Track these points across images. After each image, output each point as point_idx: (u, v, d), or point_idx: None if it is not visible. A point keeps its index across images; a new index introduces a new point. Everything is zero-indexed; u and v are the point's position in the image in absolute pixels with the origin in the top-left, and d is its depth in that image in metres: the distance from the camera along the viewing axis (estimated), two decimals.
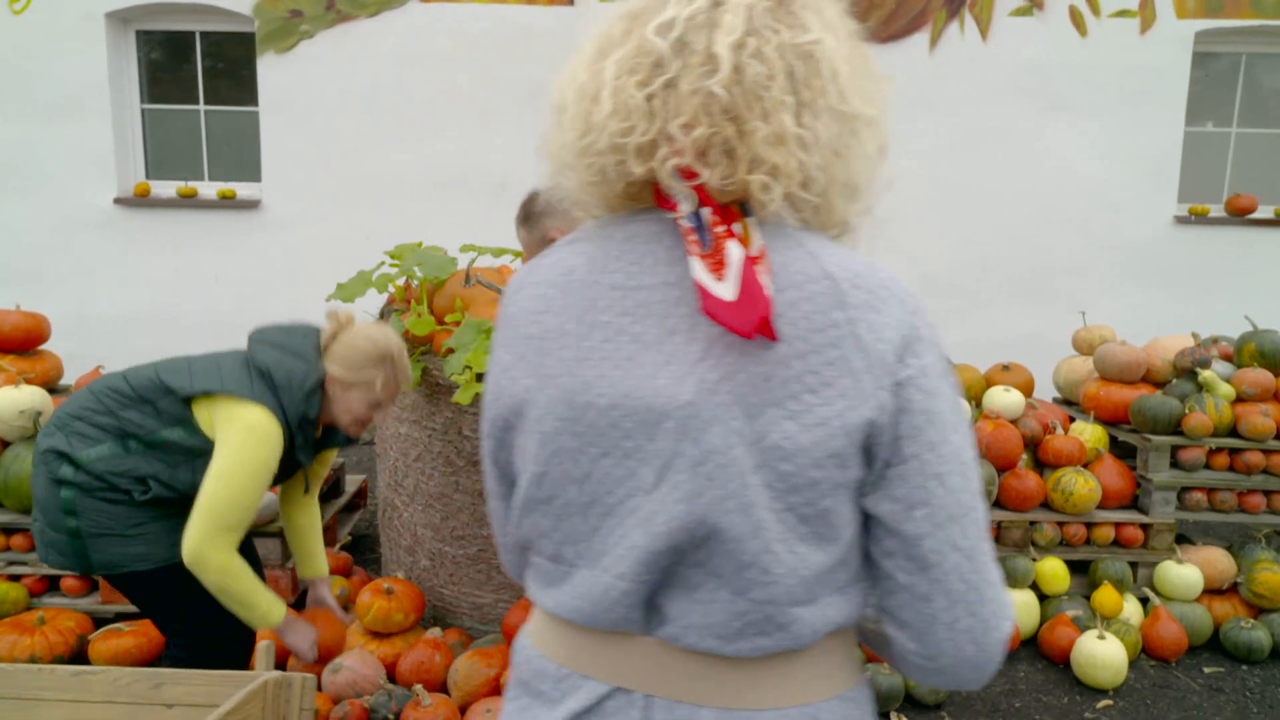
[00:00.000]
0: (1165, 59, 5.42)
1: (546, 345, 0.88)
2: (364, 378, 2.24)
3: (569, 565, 0.89)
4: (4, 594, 3.17)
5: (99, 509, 2.14)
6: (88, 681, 1.88)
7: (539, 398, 0.88)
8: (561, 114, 0.92)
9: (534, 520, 0.91)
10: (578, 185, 0.93)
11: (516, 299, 0.95)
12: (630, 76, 0.84)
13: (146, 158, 5.76)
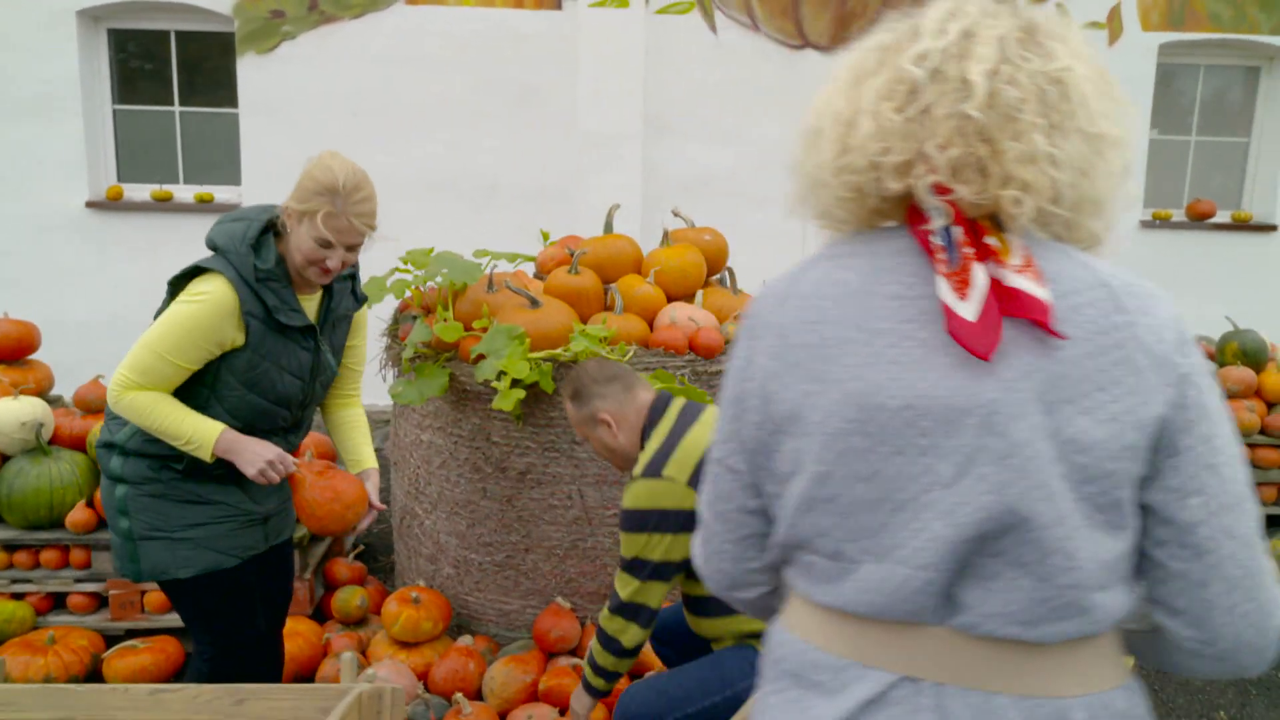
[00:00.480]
0: (1131, 69, 5.64)
1: (826, 352, 0.92)
2: (310, 207, 2.00)
3: (851, 561, 0.93)
4: (10, 613, 3.07)
5: (149, 506, 2.08)
6: (165, 700, 1.84)
7: (821, 401, 0.92)
8: (817, 137, 0.98)
9: (813, 519, 0.94)
10: (832, 200, 0.98)
11: (783, 310, 0.98)
12: (887, 102, 0.91)
13: (118, 160, 5.59)
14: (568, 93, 5.43)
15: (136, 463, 2.09)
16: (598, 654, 2.16)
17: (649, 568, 2.01)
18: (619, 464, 2.23)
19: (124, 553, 2.12)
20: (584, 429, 2.22)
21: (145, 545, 2.09)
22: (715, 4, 5.44)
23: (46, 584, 3.19)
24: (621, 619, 2.08)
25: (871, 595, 0.91)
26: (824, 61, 5.53)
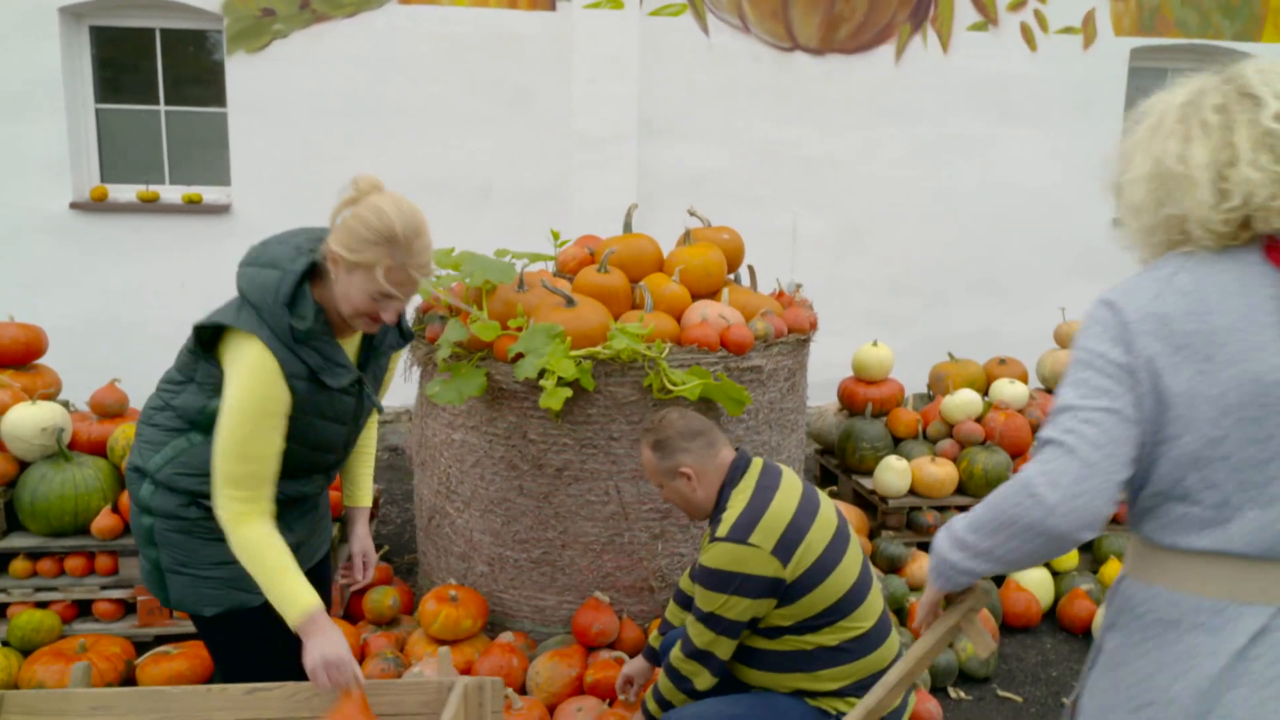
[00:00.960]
0: (1105, 73, 5.86)
1: (1215, 338, 1.16)
2: (364, 259, 1.77)
3: (1235, 509, 1.15)
4: (38, 622, 3.02)
5: (176, 542, 1.94)
6: (263, 699, 1.85)
7: (1217, 378, 1.15)
8: (1183, 181, 1.23)
9: (1205, 474, 1.17)
10: (1203, 232, 1.22)
11: (1161, 302, 1.22)
12: (1266, 154, 1.15)
13: (101, 160, 5.47)
14: (561, 94, 5.46)
15: (165, 496, 1.93)
16: (665, 689, 2.21)
17: (724, 624, 2.07)
18: (692, 514, 2.29)
19: (153, 580, 2.00)
20: (661, 478, 2.26)
21: (172, 578, 1.95)
22: (707, 6, 5.51)
23: (72, 591, 3.13)
24: (696, 664, 2.14)
25: (1258, 536, 1.13)
26: (813, 63, 5.64)
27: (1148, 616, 1.19)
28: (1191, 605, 1.16)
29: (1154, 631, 1.18)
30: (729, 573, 2.04)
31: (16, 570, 3.11)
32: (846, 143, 5.78)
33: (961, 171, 5.90)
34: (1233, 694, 1.13)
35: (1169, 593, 1.18)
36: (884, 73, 5.71)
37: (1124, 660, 1.21)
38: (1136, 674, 1.21)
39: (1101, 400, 1.21)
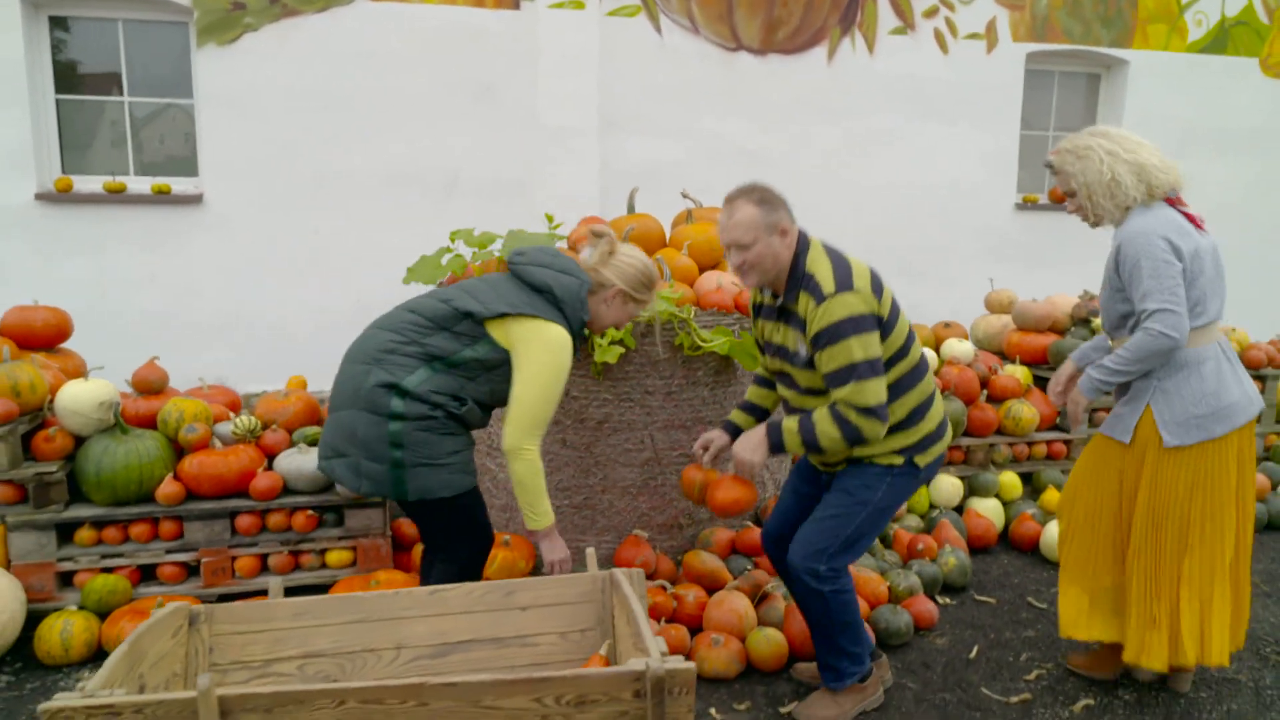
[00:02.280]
0: (1005, 75, 6.60)
1: (1202, 256, 2.62)
2: (645, 296, 2.69)
3: (1206, 302, 2.62)
4: (112, 586, 3.16)
5: (422, 440, 2.45)
6: (444, 598, 2.16)
7: (1209, 272, 2.65)
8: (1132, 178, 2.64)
9: (1198, 295, 2.60)
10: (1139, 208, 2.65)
11: (1183, 236, 2.59)
12: (1159, 168, 2.69)
13: (62, 152, 5.42)
14: (526, 89, 5.76)
15: (417, 404, 2.45)
16: (823, 432, 2.44)
17: (866, 366, 2.37)
18: (767, 273, 2.49)
19: (388, 478, 2.46)
20: (755, 233, 2.43)
21: (415, 471, 2.45)
22: (660, 8, 5.93)
23: (138, 557, 3.28)
24: (870, 420, 2.40)
25: (1215, 310, 2.69)
26: (755, 63, 6.14)
27: (1187, 362, 2.63)
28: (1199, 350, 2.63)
29: (1190, 367, 2.63)
30: (849, 319, 2.36)
31: (82, 539, 3.24)
32: (784, 136, 6.30)
33: (885, 162, 6.51)
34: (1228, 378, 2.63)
35: (1192, 349, 2.62)
36: (817, 72, 6.26)
37: (1180, 383, 2.62)
38: (1193, 386, 2.60)
39: (1174, 281, 2.49)
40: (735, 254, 2.50)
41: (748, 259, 2.47)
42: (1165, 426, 2.63)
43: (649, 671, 1.66)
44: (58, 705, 1.53)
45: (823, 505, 2.64)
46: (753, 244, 2.45)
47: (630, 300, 2.68)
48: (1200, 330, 2.62)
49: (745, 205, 2.45)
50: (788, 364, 2.62)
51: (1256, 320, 6.92)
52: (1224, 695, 2.94)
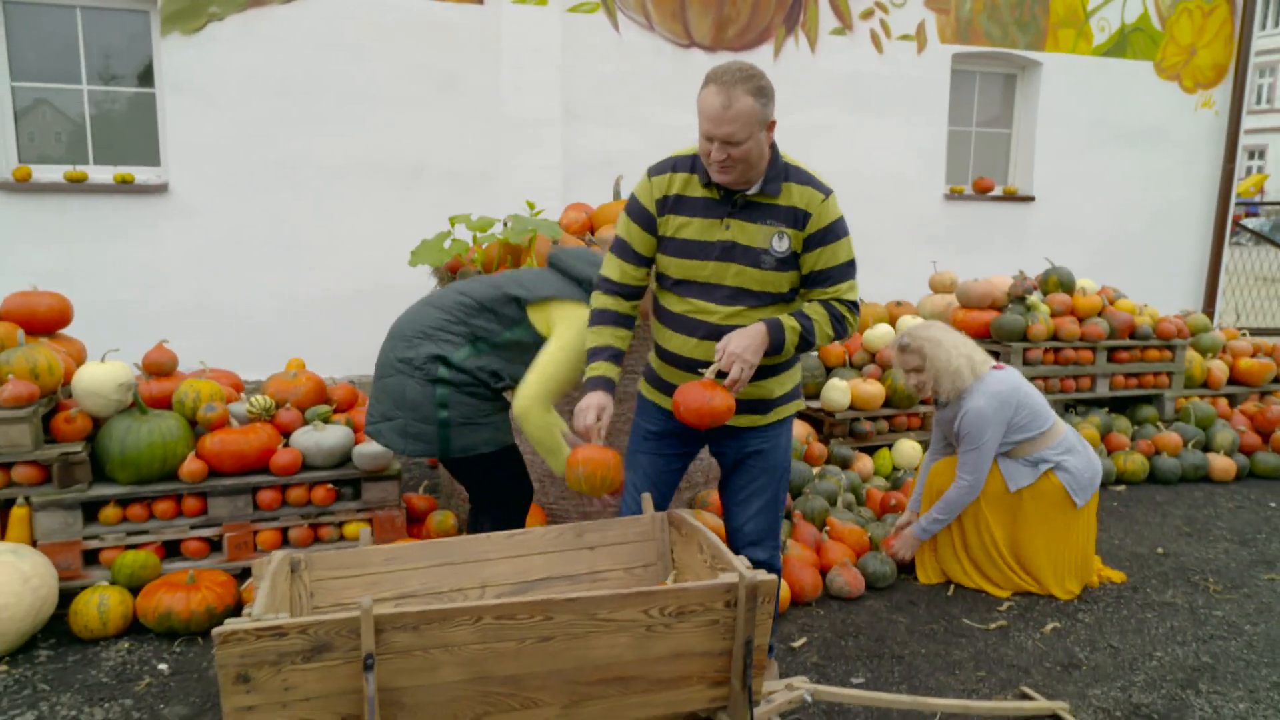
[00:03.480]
0: (934, 74, 7.09)
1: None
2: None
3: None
4: (143, 561, 3.24)
5: (465, 402, 2.70)
6: (522, 541, 2.38)
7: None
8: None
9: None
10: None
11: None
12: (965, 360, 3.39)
13: (18, 140, 5.32)
14: (490, 80, 5.93)
15: (461, 374, 2.70)
16: (821, 332, 2.35)
17: (854, 266, 2.37)
18: (748, 171, 2.24)
19: (435, 437, 2.70)
20: (751, 129, 2.16)
21: (460, 429, 2.70)
22: (617, 5, 6.17)
23: (163, 533, 3.36)
24: (854, 315, 2.42)
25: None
26: (707, 58, 6.45)
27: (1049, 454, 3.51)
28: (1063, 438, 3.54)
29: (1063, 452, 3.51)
30: (843, 216, 2.34)
31: (107, 517, 3.30)
32: None
33: (825, 153, 6.88)
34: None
35: (1057, 439, 3.53)
36: (764, 68, 6.57)
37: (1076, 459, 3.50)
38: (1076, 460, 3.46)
39: (985, 457, 3.40)
40: (721, 148, 2.18)
41: (735, 155, 2.18)
42: (1074, 492, 3.52)
43: (742, 582, 1.92)
44: (230, 629, 1.69)
45: (750, 489, 2.55)
46: (746, 140, 2.16)
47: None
48: (1050, 430, 3.53)
49: (744, 96, 2.14)
50: (743, 264, 2.32)
51: (1160, 298, 7.62)
52: (1166, 615, 3.38)
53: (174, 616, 3.07)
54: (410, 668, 1.80)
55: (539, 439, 2.71)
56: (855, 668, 2.97)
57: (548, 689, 1.90)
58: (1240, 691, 2.85)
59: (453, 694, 1.84)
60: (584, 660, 1.90)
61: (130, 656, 2.99)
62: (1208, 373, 5.53)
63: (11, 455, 3.18)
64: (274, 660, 1.72)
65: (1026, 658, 3.05)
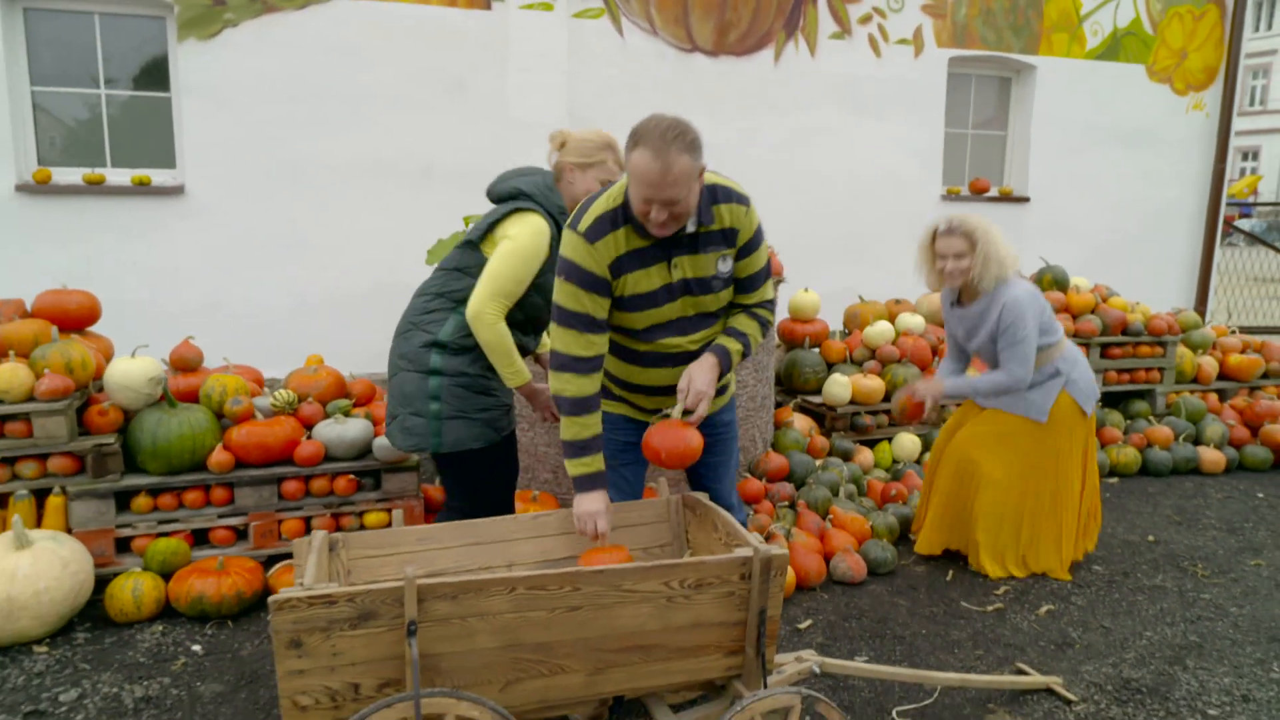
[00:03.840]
0: (930, 78, 7.23)
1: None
2: (598, 159, 2.73)
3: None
4: (174, 548, 3.37)
5: (457, 394, 2.68)
6: (545, 522, 2.52)
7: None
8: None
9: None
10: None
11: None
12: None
13: (38, 143, 5.45)
14: (497, 84, 6.06)
15: (454, 359, 2.68)
16: (754, 343, 2.52)
17: (770, 267, 2.53)
18: (686, 217, 2.25)
19: (427, 431, 2.68)
20: (689, 184, 2.17)
21: (450, 423, 2.67)
22: (621, 11, 6.31)
23: (192, 521, 3.49)
24: (773, 312, 2.60)
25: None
26: (708, 63, 6.59)
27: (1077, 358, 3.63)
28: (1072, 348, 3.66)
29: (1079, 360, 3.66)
30: (760, 220, 2.45)
31: (139, 506, 3.43)
32: (734, 130, 6.76)
33: (824, 155, 7.06)
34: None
35: (1069, 349, 3.66)
36: (765, 72, 6.75)
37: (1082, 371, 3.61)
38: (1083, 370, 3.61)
39: (1030, 348, 3.40)
40: (662, 209, 2.18)
41: (677, 211, 2.20)
42: (1083, 402, 3.61)
43: (756, 555, 2.06)
44: (285, 596, 1.82)
45: (720, 458, 2.70)
46: (686, 196, 2.18)
47: (590, 167, 2.73)
48: (1061, 339, 3.62)
49: (680, 156, 2.12)
50: (699, 294, 2.41)
51: (1153, 296, 7.78)
52: (1156, 598, 3.53)
53: (206, 600, 3.20)
54: (448, 635, 1.93)
55: (491, 344, 2.61)
56: (859, 647, 3.10)
57: (575, 656, 2.04)
58: (1225, 667, 2.99)
59: (487, 659, 1.98)
60: (609, 629, 2.03)
61: (164, 638, 3.12)
62: (1198, 368, 5.68)
63: (48, 446, 3.31)
64: (324, 627, 1.85)
65: (1022, 637, 3.19)
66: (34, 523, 3.28)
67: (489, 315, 2.58)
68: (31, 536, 3.09)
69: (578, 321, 2.34)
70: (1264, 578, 3.72)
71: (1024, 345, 3.42)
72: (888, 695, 2.79)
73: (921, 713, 2.70)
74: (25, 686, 2.79)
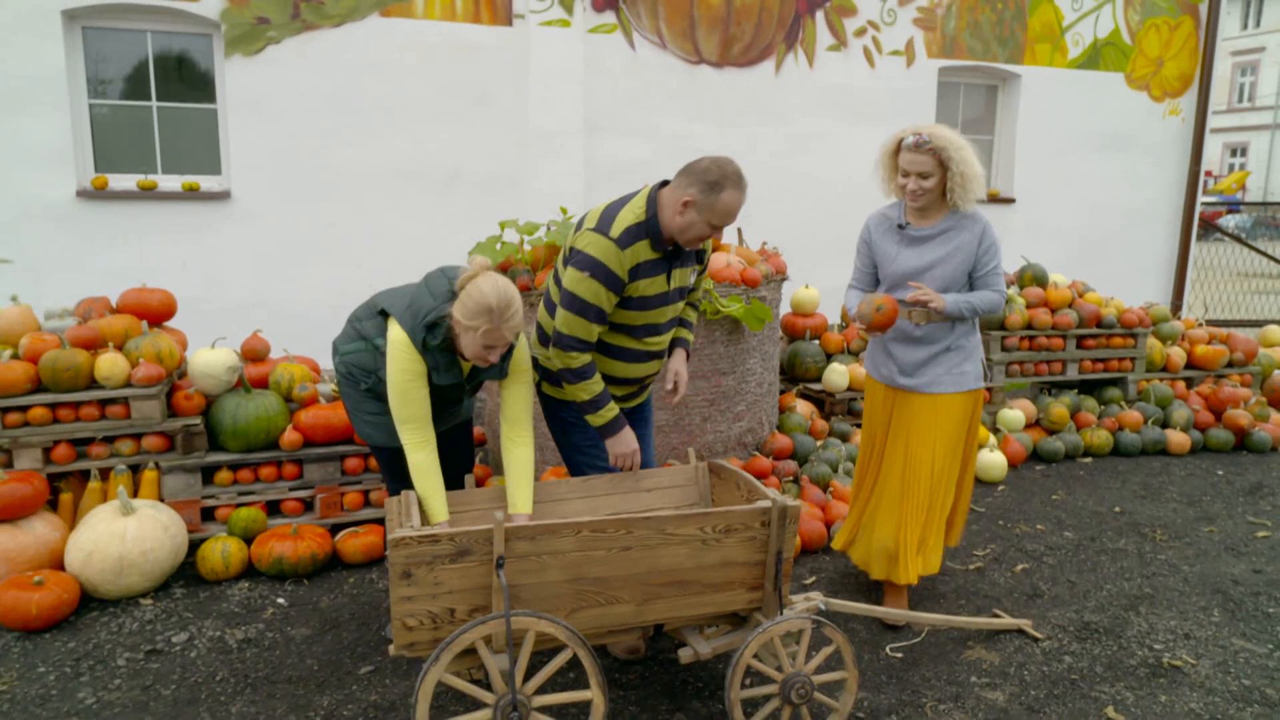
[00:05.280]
0: (921, 86, 7.69)
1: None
2: (473, 324, 2.55)
3: None
4: (254, 516, 3.82)
5: (348, 394, 2.98)
6: (593, 484, 2.97)
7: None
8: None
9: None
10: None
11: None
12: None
13: (94, 152, 5.88)
14: (518, 96, 6.51)
15: (342, 368, 2.96)
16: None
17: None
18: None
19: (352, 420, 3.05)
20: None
21: (352, 416, 3.01)
22: (633, 26, 6.75)
23: (266, 493, 3.94)
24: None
25: None
26: (714, 74, 7.04)
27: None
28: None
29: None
30: None
31: (221, 479, 3.88)
32: (738, 136, 7.22)
33: (822, 160, 7.52)
34: None
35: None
36: (766, 82, 7.20)
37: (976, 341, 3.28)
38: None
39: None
40: (718, 233, 2.88)
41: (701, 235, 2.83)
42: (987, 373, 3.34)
43: (775, 506, 2.52)
44: (400, 535, 2.26)
45: (649, 429, 3.29)
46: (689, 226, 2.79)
47: (466, 330, 2.59)
48: None
49: (735, 194, 2.75)
50: (677, 302, 2.97)
51: (1133, 291, 8.26)
52: (1117, 558, 4.00)
53: (285, 561, 3.65)
54: (525, 569, 2.38)
55: (417, 474, 2.72)
56: (857, 600, 3.57)
57: (626, 589, 2.49)
58: (1172, 613, 3.46)
59: (555, 591, 2.44)
60: (654, 566, 2.49)
61: (251, 593, 3.57)
62: (1167, 358, 6.15)
63: (143, 427, 3.75)
64: (429, 561, 2.31)
65: (999, 590, 3.66)
66: (131, 494, 3.73)
67: (407, 449, 2.73)
68: (134, 504, 3.54)
69: (590, 312, 2.80)
70: (1215, 542, 4.20)
71: (1001, 266, 3.23)
72: (881, 636, 3.26)
73: (910, 649, 3.17)
74: (140, 631, 3.24)
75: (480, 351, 2.62)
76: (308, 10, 5.95)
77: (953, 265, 3.18)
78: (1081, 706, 2.83)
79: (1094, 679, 2.99)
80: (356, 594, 3.58)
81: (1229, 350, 6.29)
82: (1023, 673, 3.02)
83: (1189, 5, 8.49)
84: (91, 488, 3.71)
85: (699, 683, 2.94)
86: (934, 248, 3.20)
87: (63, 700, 2.80)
